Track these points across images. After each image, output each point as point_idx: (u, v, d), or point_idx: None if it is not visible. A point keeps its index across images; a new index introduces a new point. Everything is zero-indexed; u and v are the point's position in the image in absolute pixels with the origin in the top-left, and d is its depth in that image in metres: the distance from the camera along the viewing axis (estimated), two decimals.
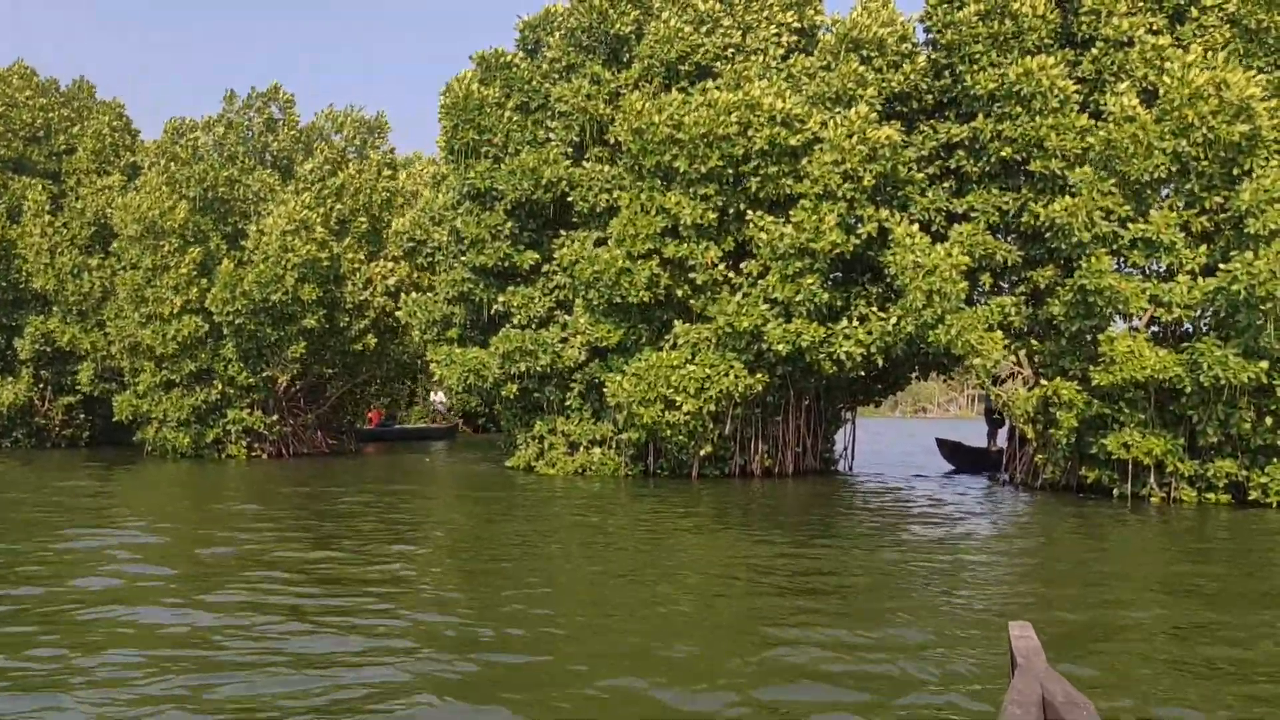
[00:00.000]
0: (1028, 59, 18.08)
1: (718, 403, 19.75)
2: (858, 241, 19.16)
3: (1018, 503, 17.66)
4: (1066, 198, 17.37)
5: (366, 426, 36.97)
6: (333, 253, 26.39)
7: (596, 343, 21.05)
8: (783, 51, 21.39)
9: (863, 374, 20.47)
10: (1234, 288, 15.76)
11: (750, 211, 19.68)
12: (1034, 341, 19.43)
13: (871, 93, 19.61)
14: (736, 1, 21.71)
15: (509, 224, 22.25)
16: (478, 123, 22.55)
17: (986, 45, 18.98)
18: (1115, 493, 17.87)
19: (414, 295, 24.70)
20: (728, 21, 21.49)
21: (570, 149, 22.25)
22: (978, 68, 19.01)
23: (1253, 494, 16.95)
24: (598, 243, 21.33)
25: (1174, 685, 6.56)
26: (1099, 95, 18.48)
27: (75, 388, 30.20)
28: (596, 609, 8.60)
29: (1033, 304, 19.29)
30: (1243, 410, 16.47)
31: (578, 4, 22.47)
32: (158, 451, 27.23)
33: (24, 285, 30.02)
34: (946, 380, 28.79)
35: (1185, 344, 17.12)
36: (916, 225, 18.73)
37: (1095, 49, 18.68)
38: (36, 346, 29.54)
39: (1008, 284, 19.90)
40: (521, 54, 23.54)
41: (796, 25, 21.71)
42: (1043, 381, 18.70)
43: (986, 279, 19.11)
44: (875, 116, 19.16)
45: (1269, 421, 16.42)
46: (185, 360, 25.86)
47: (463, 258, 22.71)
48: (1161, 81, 16.94)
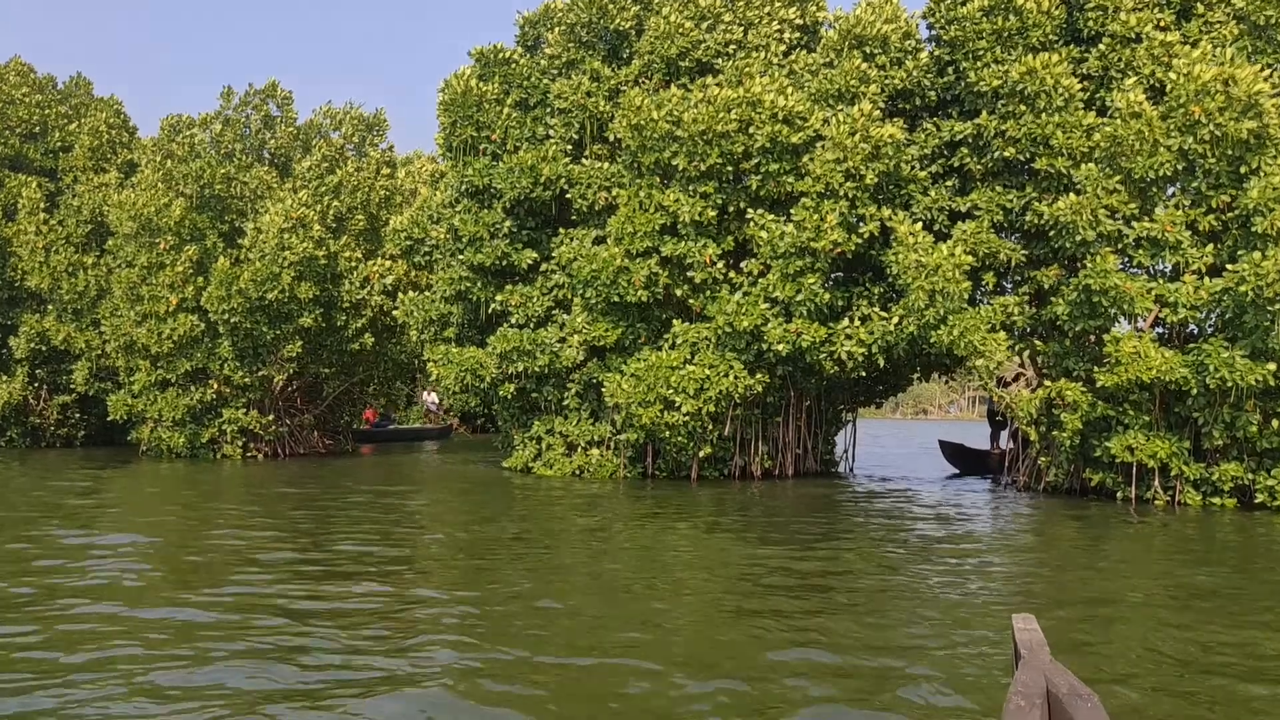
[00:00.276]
0: (1031, 57, 17.86)
1: (717, 403, 19.52)
2: (859, 240, 18.93)
3: (1020, 505, 17.46)
4: (1071, 195, 17.13)
5: (364, 427, 36.71)
6: (330, 251, 26.18)
7: (594, 342, 20.83)
8: (784, 48, 21.17)
9: (864, 375, 20.27)
10: (1241, 288, 15.54)
11: (751, 210, 19.47)
12: (1037, 342, 19.20)
13: (874, 90, 19.39)
14: None
15: (507, 222, 22.04)
16: (476, 119, 22.35)
17: (990, 41, 18.75)
18: (1119, 496, 17.66)
19: (411, 294, 24.48)
20: (729, 17, 21.28)
21: (569, 146, 22.04)
22: (981, 64, 18.79)
23: (1259, 498, 16.73)
24: (596, 241, 21.11)
25: (1175, 689, 6.48)
26: (1105, 92, 18.26)
27: (70, 387, 29.97)
28: (593, 610, 8.48)
29: (1036, 304, 19.06)
30: (1249, 413, 16.26)
31: None
32: (152, 451, 27.03)
33: (19, 283, 29.81)
34: (948, 382, 28.57)
35: (1191, 345, 16.88)
36: (919, 224, 18.50)
37: (1102, 45, 18.45)
38: (31, 345, 29.30)
39: (1011, 284, 19.67)
40: (521, 50, 23.33)
41: (799, 22, 21.49)
42: (1046, 383, 18.47)
43: (990, 279, 18.88)
44: (878, 114, 18.94)
45: (1276, 424, 16.20)
46: (181, 359, 25.63)
47: (460, 256, 22.48)
48: (1168, 77, 16.72)
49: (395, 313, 24.81)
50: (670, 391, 19.31)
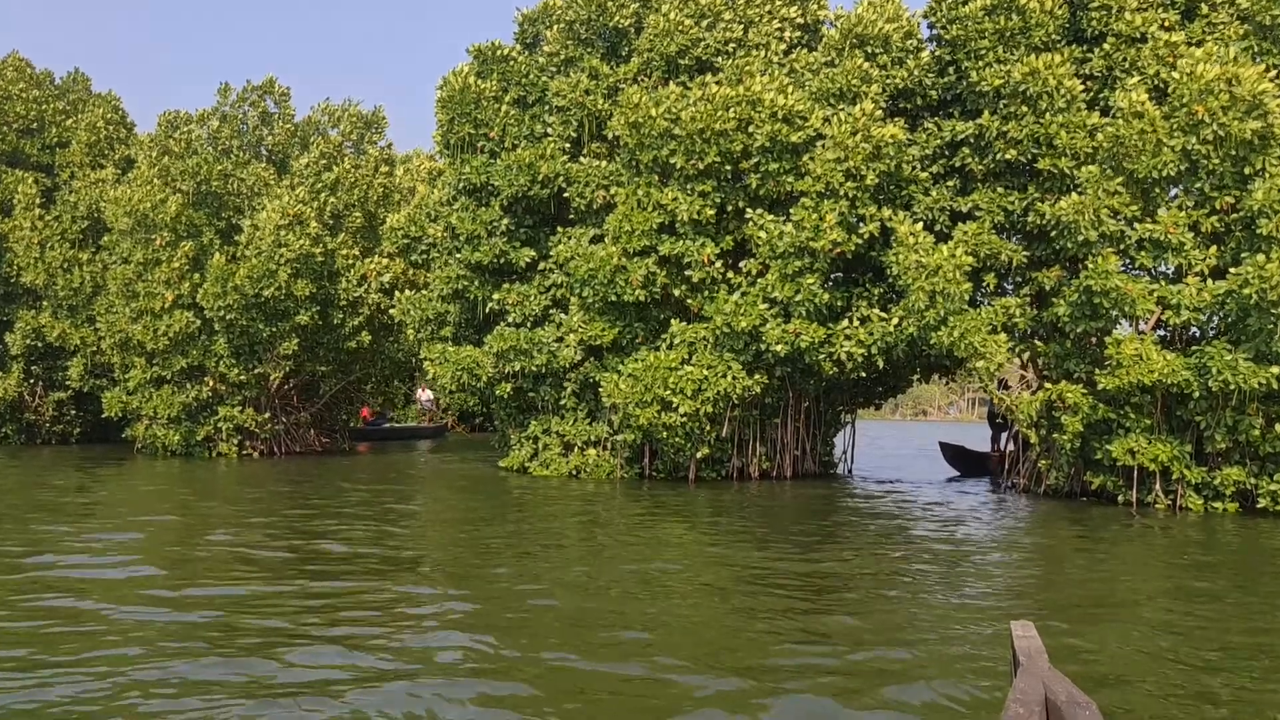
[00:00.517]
0: (1033, 58, 17.69)
1: (715, 404, 19.36)
2: (859, 241, 18.76)
3: (1019, 508, 17.29)
4: (1073, 195, 16.96)
5: (359, 425, 36.51)
6: (327, 248, 26.04)
7: (591, 342, 20.67)
8: (785, 47, 21.01)
9: (863, 376, 20.10)
10: (1245, 291, 15.36)
11: (749, 209, 19.30)
12: (1038, 344, 19.04)
13: (876, 89, 19.23)
14: None
15: (505, 220, 21.88)
16: (474, 117, 22.20)
17: (993, 41, 18.59)
18: (1120, 499, 17.48)
19: (408, 293, 24.32)
20: (729, 15, 21.11)
21: (568, 144, 21.88)
22: (983, 64, 18.62)
23: (1261, 502, 16.55)
24: (594, 239, 20.96)
25: (1174, 697, 6.39)
26: (1108, 92, 18.09)
27: (66, 383, 29.83)
28: (588, 611, 8.38)
29: (1037, 306, 18.90)
30: (1252, 416, 16.07)
31: None
32: (147, 449, 26.88)
33: (14, 279, 29.67)
34: (948, 383, 28.40)
35: (1194, 348, 16.71)
36: (920, 224, 18.33)
37: (1106, 45, 18.27)
38: (27, 341, 29.17)
39: (1012, 285, 19.50)
40: (520, 47, 23.18)
41: (799, 20, 21.31)
42: (1047, 385, 18.30)
43: (991, 280, 18.72)
44: (880, 114, 18.78)
45: (1279, 428, 16.02)
46: (176, 356, 25.49)
47: (458, 254, 22.33)
48: (1171, 77, 16.55)
49: (392, 311, 24.67)
50: (668, 392, 19.15)
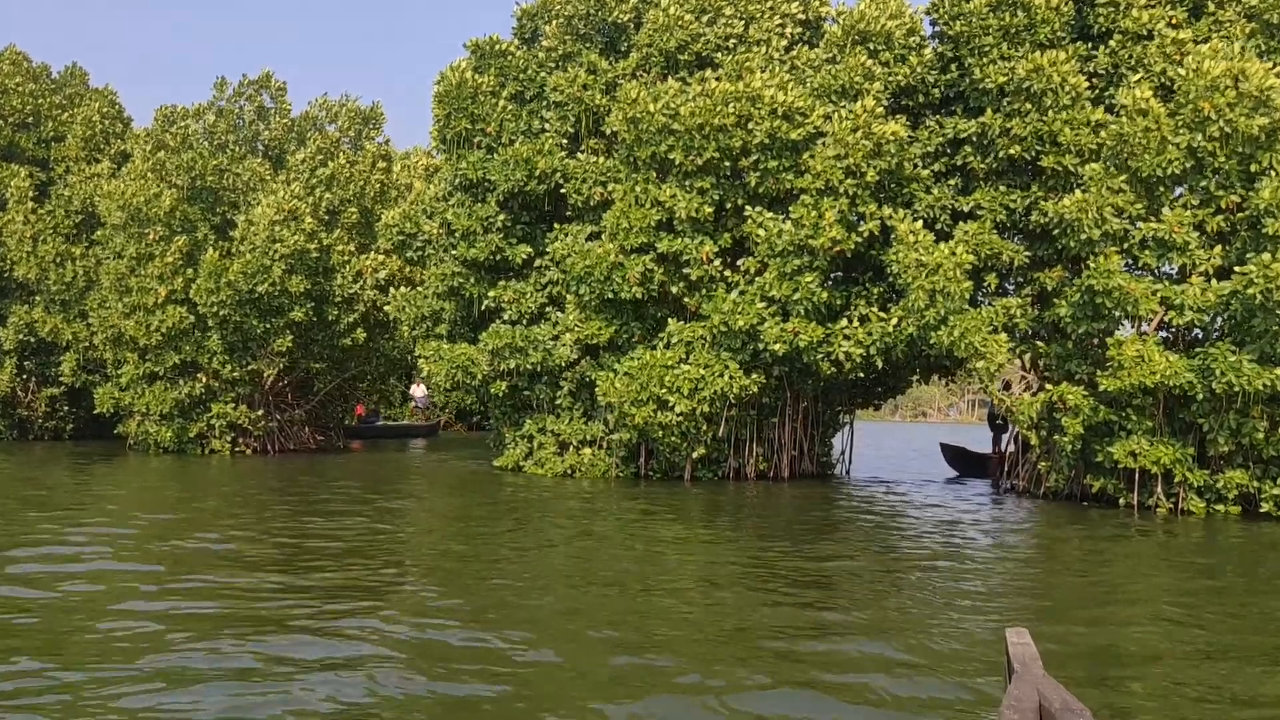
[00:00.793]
0: (1038, 55, 17.47)
1: (711, 404, 19.13)
2: (859, 239, 18.54)
3: (1019, 511, 17.09)
4: (1077, 193, 16.74)
5: (354, 423, 36.16)
6: (322, 244, 25.82)
7: (588, 340, 20.45)
8: (786, 43, 20.78)
9: (862, 376, 19.86)
10: (1250, 291, 15.13)
11: (748, 207, 19.08)
12: (1039, 345, 18.82)
13: (878, 87, 19.00)
14: None
15: (501, 216, 21.65)
16: (471, 112, 21.98)
17: (997, 38, 18.36)
18: (1121, 502, 17.26)
19: (403, 290, 24.09)
20: (730, 11, 20.89)
21: (565, 140, 21.66)
22: (987, 60, 18.39)
23: (1264, 506, 16.33)
24: (591, 236, 20.74)
25: (1174, 698, 6.29)
26: (1114, 90, 17.86)
27: (59, 379, 29.61)
28: (581, 613, 8.24)
29: (1039, 306, 18.68)
30: (1255, 419, 15.84)
31: None
32: (140, 445, 26.67)
33: (7, 274, 29.43)
34: (948, 384, 28.20)
35: (1197, 349, 16.48)
36: (920, 223, 18.10)
37: (1112, 42, 18.05)
38: (20, 336, 28.94)
39: (1013, 285, 19.28)
40: (518, 42, 22.97)
41: (801, 16, 21.09)
42: (1048, 386, 18.07)
43: (992, 279, 18.49)
44: (881, 111, 18.55)
45: None
46: (169, 352, 25.25)
47: (453, 251, 22.11)
48: (1177, 74, 16.33)
49: (387, 308, 24.46)
50: (664, 391, 18.93)
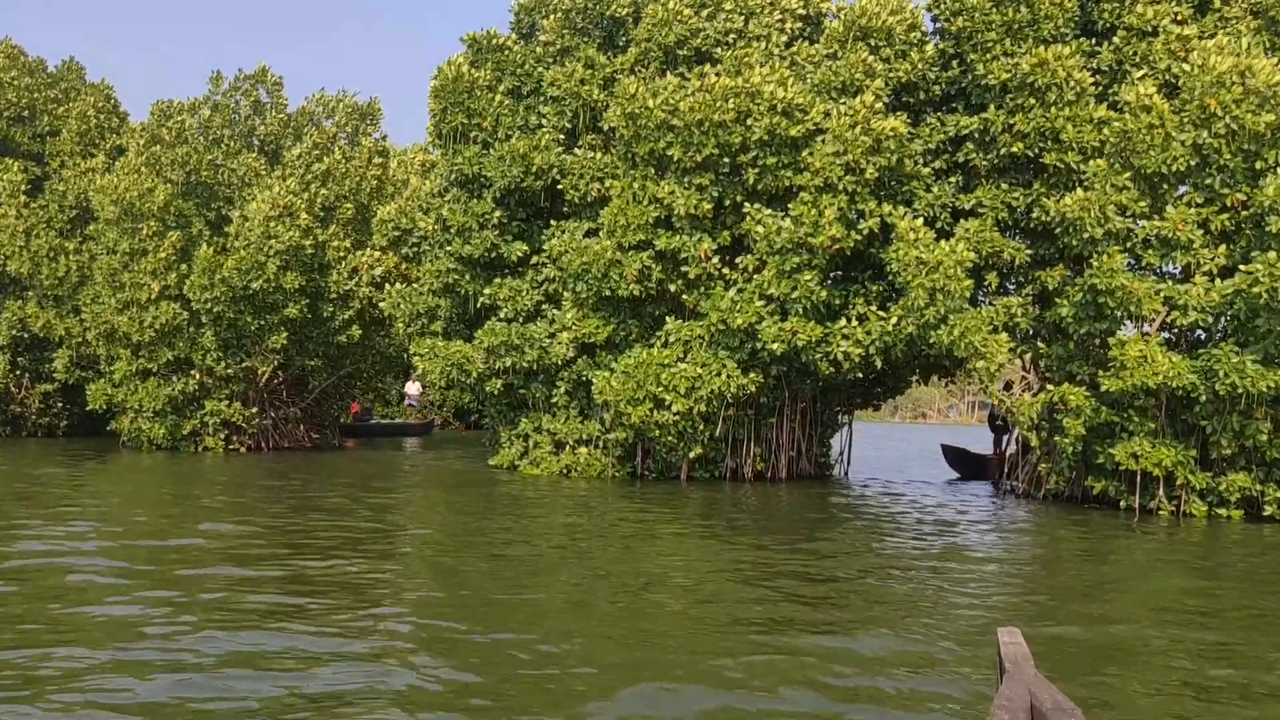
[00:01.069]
0: (1043, 49, 17.25)
1: (709, 403, 18.90)
2: (858, 237, 18.32)
3: (1019, 513, 16.90)
4: (1079, 191, 16.52)
5: (349, 421, 35.91)
6: (317, 240, 25.60)
7: (584, 338, 20.23)
8: (786, 38, 20.55)
9: (861, 376, 19.65)
10: (1254, 290, 14.90)
11: (747, 204, 18.86)
12: (1041, 345, 18.60)
13: (879, 84, 18.78)
14: None
15: (497, 212, 21.43)
16: (467, 106, 21.77)
17: (1000, 33, 18.13)
18: (1122, 505, 17.06)
19: (398, 286, 23.87)
20: (729, 5, 20.65)
21: (562, 135, 21.44)
22: (990, 56, 18.17)
23: (1267, 509, 16.14)
24: (588, 233, 20.52)
25: (1173, 703, 6.18)
26: (1118, 87, 17.64)
27: (52, 375, 29.37)
28: (575, 613, 8.13)
29: (1040, 305, 18.46)
30: (1259, 421, 15.63)
31: None
32: (133, 443, 26.45)
33: (0, 269, 29.19)
34: (947, 385, 28.00)
35: (1200, 350, 16.27)
36: (920, 221, 17.88)
37: (1116, 38, 17.84)
38: (13, 332, 28.71)
39: (1014, 284, 19.06)
40: (515, 37, 22.76)
41: (801, 12, 20.85)
42: (1049, 387, 17.86)
43: (993, 278, 18.28)
44: (881, 106, 18.33)
45: None
46: (162, 348, 25.03)
47: (448, 247, 21.89)
48: (1182, 70, 16.11)
49: (382, 304, 24.24)
50: (661, 390, 18.71)
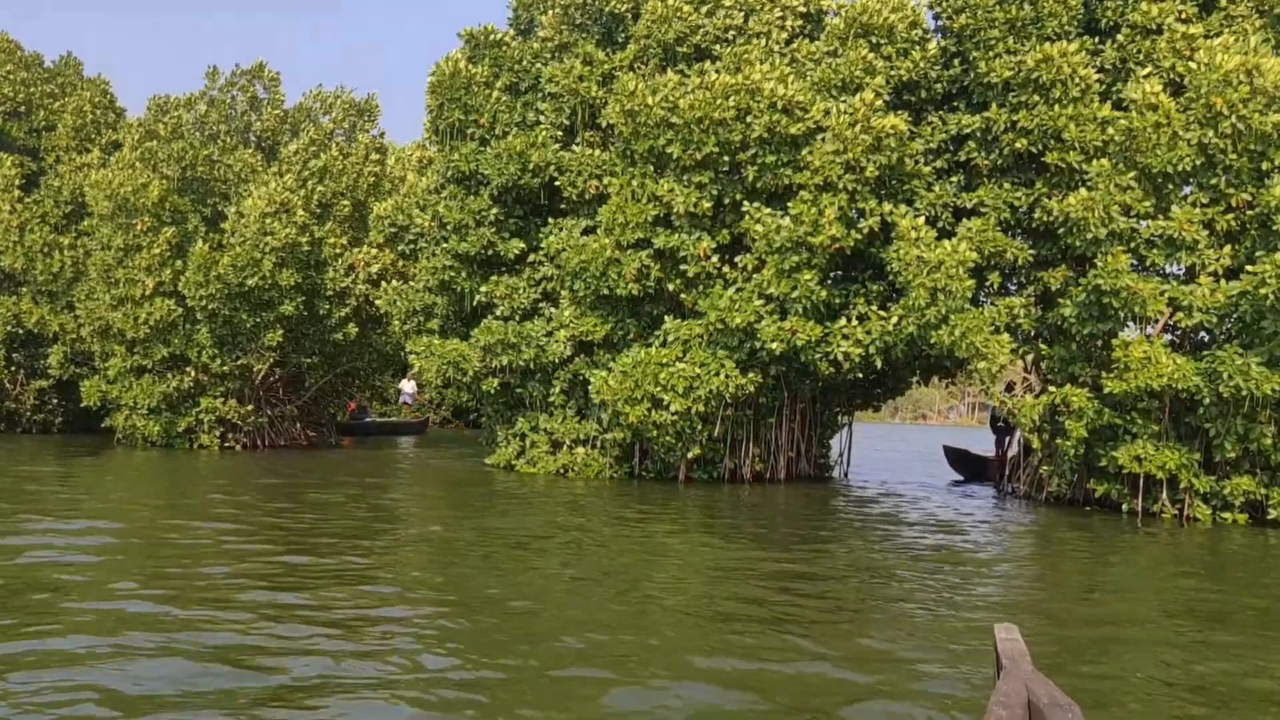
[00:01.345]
0: (1048, 45, 17.06)
1: (707, 403, 18.71)
2: (859, 236, 18.13)
3: (1020, 515, 16.75)
4: (1083, 190, 16.32)
5: (345, 419, 35.68)
6: (314, 237, 25.41)
7: (582, 337, 20.04)
8: (786, 35, 20.35)
9: (861, 376, 19.47)
10: (1260, 291, 14.72)
11: (747, 203, 18.67)
12: (1043, 346, 18.41)
13: (880, 81, 18.59)
14: None
15: (494, 210, 21.24)
16: (464, 102, 21.59)
17: (1003, 31, 17.93)
18: (1124, 508, 16.89)
19: (394, 284, 23.69)
20: (729, 2, 20.45)
21: (560, 132, 21.25)
22: (993, 54, 17.96)
23: (1272, 513, 15.95)
24: (586, 231, 20.33)
25: (1171, 702, 6.24)
26: (1122, 85, 17.45)
27: (47, 371, 29.19)
28: (570, 612, 8.03)
29: (1042, 306, 18.27)
30: (1263, 424, 15.45)
31: None
32: (128, 440, 26.28)
33: None
34: (948, 386, 27.82)
35: (1204, 351, 16.08)
36: (922, 220, 17.69)
37: (1120, 36, 17.65)
38: (7, 328, 28.52)
39: (1017, 284, 18.87)
40: (513, 33, 22.56)
41: (802, 9, 20.65)
42: (1051, 388, 17.67)
43: (995, 278, 18.08)
44: (881, 104, 18.13)
45: None
46: (157, 345, 24.85)
47: (445, 244, 21.70)
48: (1188, 68, 15.91)
49: (378, 302, 24.06)
50: (659, 389, 18.52)
